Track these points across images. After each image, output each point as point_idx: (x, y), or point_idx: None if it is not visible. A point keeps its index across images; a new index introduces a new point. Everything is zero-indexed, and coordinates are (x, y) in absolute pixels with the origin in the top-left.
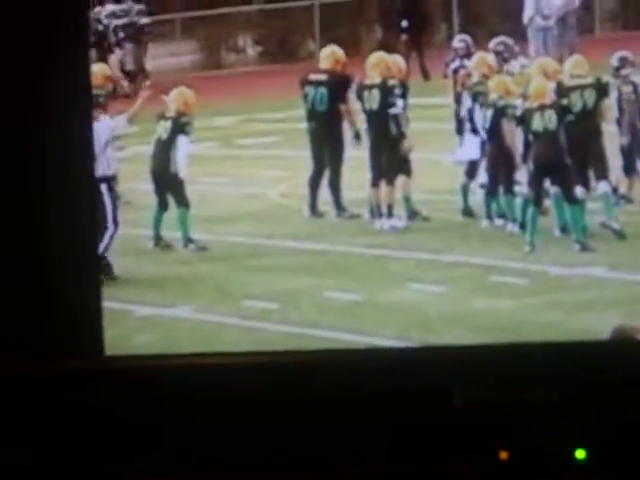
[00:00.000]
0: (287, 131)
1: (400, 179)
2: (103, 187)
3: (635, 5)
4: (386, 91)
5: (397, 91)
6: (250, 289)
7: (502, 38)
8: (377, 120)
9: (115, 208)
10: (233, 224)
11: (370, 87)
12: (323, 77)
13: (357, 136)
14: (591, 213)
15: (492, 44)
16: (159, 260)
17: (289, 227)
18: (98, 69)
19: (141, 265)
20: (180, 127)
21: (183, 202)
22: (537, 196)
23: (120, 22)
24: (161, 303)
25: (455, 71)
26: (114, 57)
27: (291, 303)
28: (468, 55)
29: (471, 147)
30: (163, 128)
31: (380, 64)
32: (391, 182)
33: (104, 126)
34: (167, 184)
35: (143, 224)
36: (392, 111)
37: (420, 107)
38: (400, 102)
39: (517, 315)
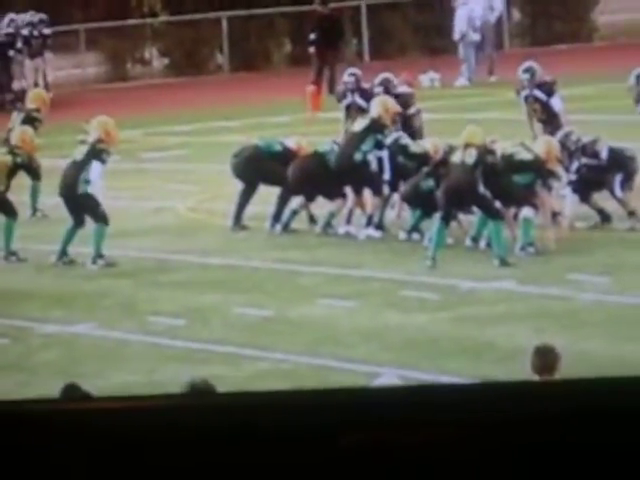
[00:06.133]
0: (194, 145)
1: None
2: None
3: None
4: None
5: None
6: (156, 305)
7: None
8: None
9: None
10: (139, 239)
11: None
12: None
13: None
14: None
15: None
16: (62, 275)
17: (198, 242)
18: (37, 93)
19: (42, 281)
20: (97, 153)
21: (101, 218)
22: (446, 213)
23: (25, 32)
24: (64, 320)
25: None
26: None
27: (199, 319)
28: (359, 90)
29: None
30: (79, 151)
31: None
32: None
33: None
34: (76, 203)
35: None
36: None
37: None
38: None
39: (429, 330)
